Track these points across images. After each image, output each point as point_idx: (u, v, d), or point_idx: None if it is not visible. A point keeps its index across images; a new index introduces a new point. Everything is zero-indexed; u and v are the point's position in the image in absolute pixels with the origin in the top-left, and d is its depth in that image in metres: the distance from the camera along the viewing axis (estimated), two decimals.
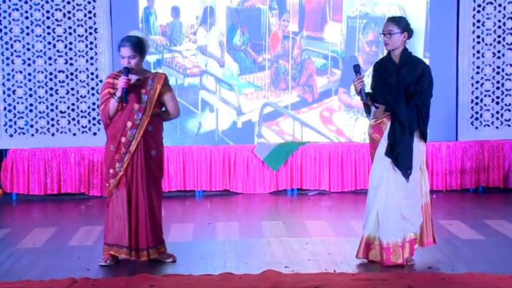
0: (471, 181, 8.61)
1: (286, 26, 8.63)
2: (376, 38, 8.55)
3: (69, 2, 8.32)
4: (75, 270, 5.23)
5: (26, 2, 8.29)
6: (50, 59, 8.36)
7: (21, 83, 8.38)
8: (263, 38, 8.62)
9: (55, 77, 8.39)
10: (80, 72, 8.39)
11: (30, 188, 8.37)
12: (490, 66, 8.64)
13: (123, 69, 5.27)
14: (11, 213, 7.92)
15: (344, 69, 8.60)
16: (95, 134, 8.46)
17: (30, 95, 8.40)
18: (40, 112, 8.42)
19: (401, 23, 5.26)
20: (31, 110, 8.41)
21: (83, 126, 8.45)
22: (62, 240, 6.29)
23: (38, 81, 8.38)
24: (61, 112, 8.44)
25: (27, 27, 8.32)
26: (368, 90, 5.40)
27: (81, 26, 8.36)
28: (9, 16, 8.29)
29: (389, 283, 4.80)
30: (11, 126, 8.41)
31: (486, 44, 8.61)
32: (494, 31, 8.60)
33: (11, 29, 8.30)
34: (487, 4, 8.56)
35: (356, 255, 5.40)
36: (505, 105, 8.70)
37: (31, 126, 8.43)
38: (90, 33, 8.36)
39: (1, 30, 8.28)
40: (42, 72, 8.37)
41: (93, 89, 8.41)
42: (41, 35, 8.34)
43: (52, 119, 8.44)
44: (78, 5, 8.33)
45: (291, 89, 8.69)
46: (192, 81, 8.64)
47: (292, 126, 8.70)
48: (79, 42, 8.37)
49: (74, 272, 5.15)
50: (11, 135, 8.42)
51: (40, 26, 8.32)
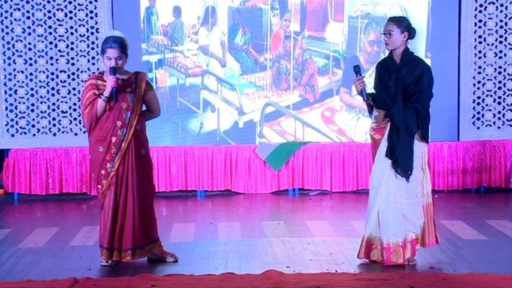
0: (473, 181, 8.61)
1: (287, 25, 8.63)
2: (377, 38, 8.55)
3: (70, 2, 8.32)
4: (77, 270, 5.24)
5: (27, 2, 8.29)
6: (51, 58, 8.37)
7: (22, 82, 8.38)
8: (265, 37, 8.62)
9: (56, 76, 8.40)
10: (82, 72, 8.40)
11: (32, 188, 8.38)
12: (491, 66, 8.63)
13: (110, 69, 5.25)
14: (12, 213, 7.92)
15: (345, 69, 8.60)
16: None
17: (32, 95, 8.40)
18: (42, 112, 8.42)
19: (402, 23, 5.26)
20: (33, 110, 8.42)
21: (84, 126, 8.44)
22: (64, 240, 6.29)
23: (40, 81, 8.39)
24: (63, 112, 8.44)
25: (29, 27, 8.33)
26: (371, 91, 5.41)
27: (83, 25, 8.36)
28: (11, 16, 8.29)
29: (391, 283, 4.79)
30: (12, 126, 8.41)
31: (488, 44, 8.60)
32: (496, 31, 8.60)
33: (13, 28, 8.30)
34: (489, 4, 8.55)
35: (357, 255, 5.40)
36: (507, 105, 8.69)
37: (33, 126, 8.44)
38: (92, 33, 8.36)
39: (3, 30, 8.29)
40: (44, 72, 8.38)
41: None
42: (42, 35, 8.34)
43: (54, 119, 8.44)
44: (79, 4, 8.33)
45: (292, 89, 8.69)
46: (193, 81, 8.64)
47: (293, 126, 8.71)
48: (80, 42, 8.38)
49: (75, 272, 5.16)
50: (13, 135, 8.42)
51: (42, 25, 8.33)
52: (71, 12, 8.33)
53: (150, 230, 5.49)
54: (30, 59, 8.36)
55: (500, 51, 8.62)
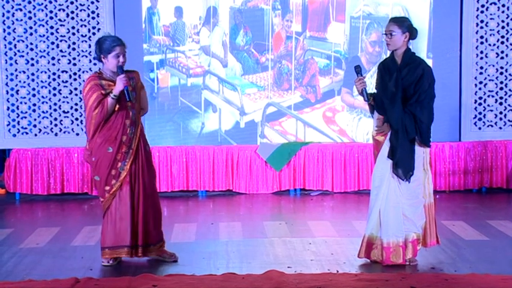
0: (474, 182, 8.61)
1: (289, 26, 8.63)
2: (379, 38, 8.55)
3: (72, 2, 8.33)
4: (78, 270, 5.25)
5: (29, 2, 8.30)
6: (53, 59, 8.37)
7: (24, 82, 8.39)
8: (266, 38, 8.62)
9: (58, 77, 8.40)
10: (83, 72, 8.40)
11: (34, 188, 8.38)
12: (493, 66, 8.63)
13: (118, 68, 5.26)
14: (14, 213, 7.93)
15: (347, 69, 8.60)
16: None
17: (34, 95, 8.41)
18: (43, 112, 8.43)
19: (403, 24, 5.26)
20: (34, 110, 8.43)
21: (84, 128, 8.45)
22: (65, 240, 6.30)
23: (41, 81, 8.40)
24: (64, 112, 8.45)
25: (31, 27, 8.33)
26: (373, 91, 5.41)
27: (85, 26, 8.37)
28: (13, 16, 8.30)
29: (392, 283, 4.80)
30: (14, 126, 8.42)
31: (489, 45, 8.60)
32: (498, 31, 8.59)
33: (15, 29, 8.31)
34: (491, 4, 8.55)
35: (358, 255, 5.40)
36: (508, 105, 8.69)
37: (34, 126, 8.44)
38: (94, 34, 8.37)
39: (4, 30, 8.30)
40: (46, 72, 8.38)
41: None
42: (44, 35, 8.35)
43: (55, 119, 8.45)
44: (81, 5, 8.34)
45: (293, 89, 8.69)
46: (195, 81, 8.64)
47: (295, 126, 8.71)
48: (82, 42, 8.38)
49: (76, 272, 5.16)
50: (14, 135, 8.43)
51: (43, 26, 8.34)
52: (72, 12, 8.34)
53: (160, 226, 5.55)
54: (32, 59, 8.36)
55: (502, 52, 8.62)
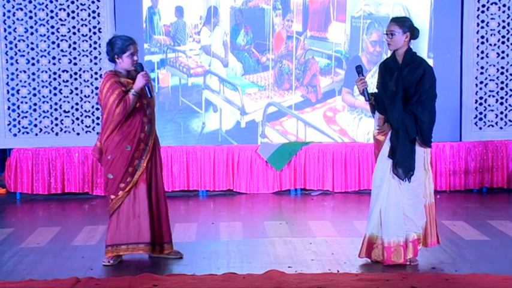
0: (475, 181, 8.61)
1: (290, 26, 8.64)
2: (380, 38, 8.55)
3: (73, 2, 8.33)
4: (79, 270, 5.25)
5: (30, 2, 8.30)
6: (54, 58, 8.38)
7: (25, 82, 8.39)
8: (267, 38, 8.63)
9: (59, 76, 8.41)
10: (84, 71, 8.41)
11: (34, 188, 8.39)
12: (494, 66, 8.63)
13: (138, 65, 5.33)
14: (14, 212, 7.94)
15: (348, 69, 8.61)
16: (98, 133, 8.44)
17: (34, 95, 8.41)
18: (44, 112, 8.43)
19: (404, 24, 5.27)
20: (35, 110, 8.43)
21: (86, 126, 8.47)
22: (66, 239, 6.30)
23: (42, 81, 8.40)
24: (65, 112, 8.46)
25: (31, 27, 8.34)
26: (373, 90, 5.42)
27: (85, 25, 8.37)
28: (13, 16, 8.30)
29: (393, 283, 4.80)
30: (15, 126, 8.42)
31: (490, 45, 8.60)
32: (499, 31, 8.59)
33: (15, 28, 8.31)
34: (491, 4, 8.55)
35: (358, 255, 5.41)
36: (509, 105, 8.69)
37: (35, 126, 8.44)
38: (94, 33, 8.37)
39: (5, 30, 8.30)
40: (46, 71, 8.39)
41: (97, 88, 8.42)
42: (45, 35, 8.35)
43: (56, 119, 8.45)
44: (82, 4, 8.34)
45: (294, 89, 8.69)
46: (195, 81, 8.65)
47: (295, 126, 8.71)
48: (83, 41, 8.39)
49: (77, 272, 5.17)
50: (15, 135, 8.43)
51: (44, 25, 8.34)
52: (73, 12, 8.34)
53: (169, 225, 5.61)
54: (33, 58, 8.37)
55: (503, 52, 8.62)
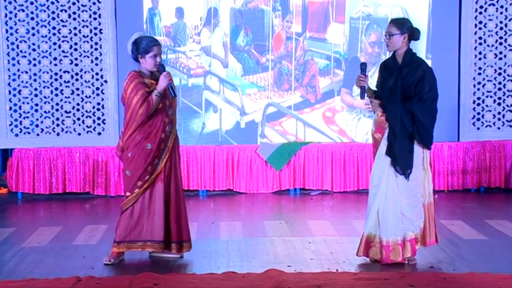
0: (473, 181, 8.64)
1: (289, 27, 8.67)
2: (378, 39, 8.59)
3: (74, 3, 8.37)
4: (80, 269, 5.27)
5: (31, 3, 8.34)
6: (55, 59, 8.42)
7: (26, 83, 8.43)
8: (266, 38, 8.66)
9: (60, 77, 8.44)
10: (85, 72, 8.44)
11: (36, 187, 8.42)
12: (491, 67, 8.66)
13: (160, 66, 5.36)
14: (16, 212, 7.96)
15: (347, 70, 8.64)
16: (99, 133, 8.51)
17: (36, 95, 8.45)
18: (45, 112, 8.47)
19: (402, 25, 5.30)
20: (36, 110, 8.47)
21: (87, 126, 8.51)
22: (67, 239, 6.32)
23: (44, 82, 8.44)
24: (66, 112, 8.49)
25: (33, 28, 8.37)
26: (374, 89, 5.47)
27: (86, 26, 8.41)
28: (15, 17, 8.34)
29: (391, 282, 4.82)
30: (16, 126, 8.46)
31: (488, 45, 8.63)
32: (496, 32, 8.63)
33: (17, 29, 8.35)
34: (489, 5, 8.58)
35: (356, 253, 5.43)
36: (507, 106, 8.73)
37: (36, 126, 8.48)
38: (95, 34, 8.41)
39: (7, 31, 8.34)
40: (48, 72, 8.42)
41: (97, 89, 8.46)
42: (46, 36, 8.39)
43: (57, 119, 8.49)
44: (83, 6, 8.38)
45: (294, 89, 8.73)
46: (195, 81, 8.69)
47: (295, 126, 8.74)
48: (84, 42, 8.42)
49: (78, 271, 5.19)
50: (17, 135, 8.47)
51: (45, 26, 8.38)
52: (74, 13, 8.38)
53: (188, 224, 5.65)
54: (34, 59, 8.40)
55: (500, 53, 8.66)
